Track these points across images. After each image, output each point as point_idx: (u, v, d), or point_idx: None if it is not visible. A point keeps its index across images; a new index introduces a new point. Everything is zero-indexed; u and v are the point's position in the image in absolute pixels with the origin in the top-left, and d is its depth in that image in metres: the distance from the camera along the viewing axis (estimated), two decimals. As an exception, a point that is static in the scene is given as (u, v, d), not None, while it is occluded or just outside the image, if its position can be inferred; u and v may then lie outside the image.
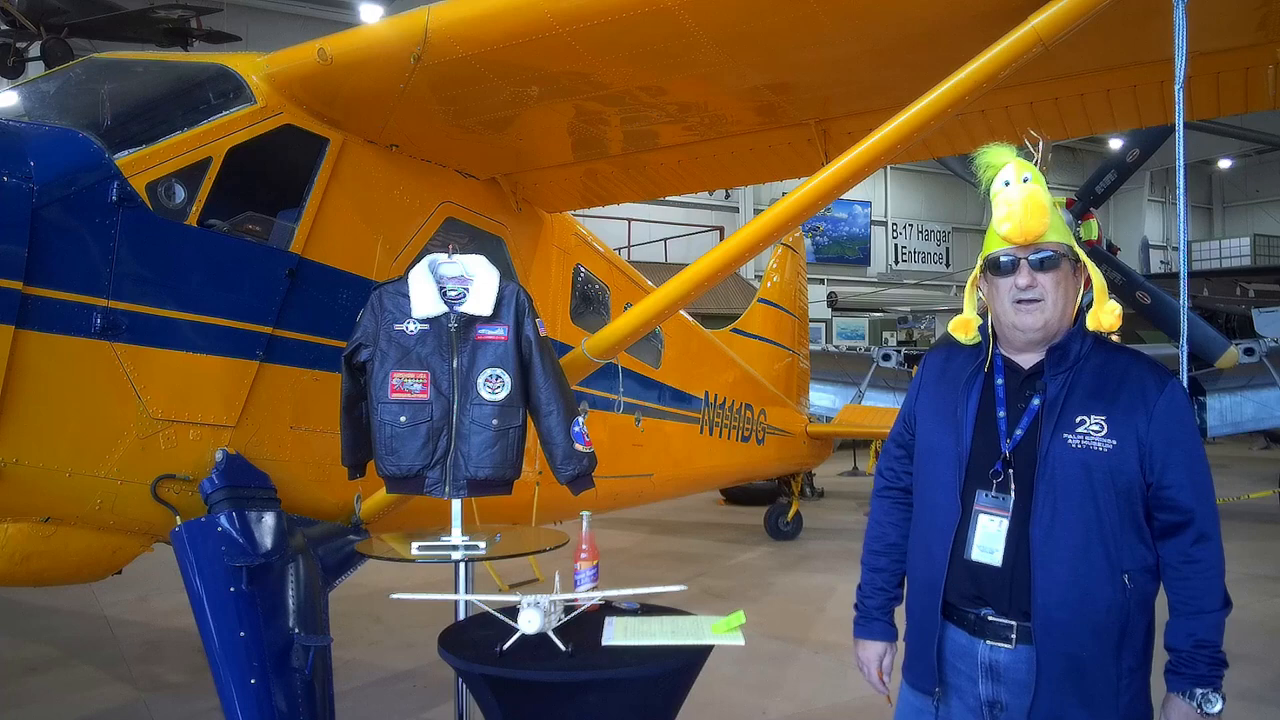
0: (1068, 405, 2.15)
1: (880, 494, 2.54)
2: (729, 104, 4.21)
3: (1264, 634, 6.44)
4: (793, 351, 10.52)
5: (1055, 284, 2.18)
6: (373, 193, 4.36)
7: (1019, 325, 2.21)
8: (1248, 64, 3.73)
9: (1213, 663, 2.07)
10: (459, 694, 3.31)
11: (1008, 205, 2.18)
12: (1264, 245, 32.97)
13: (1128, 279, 9.67)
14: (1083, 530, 2.09)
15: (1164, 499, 2.11)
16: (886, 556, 2.48)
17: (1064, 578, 2.08)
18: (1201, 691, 2.06)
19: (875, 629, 2.48)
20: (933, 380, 2.43)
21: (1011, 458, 2.18)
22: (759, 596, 7.51)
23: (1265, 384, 11.50)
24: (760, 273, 13.40)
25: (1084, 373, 2.19)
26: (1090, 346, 2.23)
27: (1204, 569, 2.09)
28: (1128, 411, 2.12)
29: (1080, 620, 2.08)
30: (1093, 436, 2.11)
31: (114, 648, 6.11)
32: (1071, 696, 2.09)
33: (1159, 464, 2.10)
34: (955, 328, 2.37)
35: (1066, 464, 2.11)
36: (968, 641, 2.22)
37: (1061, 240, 2.20)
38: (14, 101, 3.93)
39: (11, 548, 3.46)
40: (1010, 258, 2.20)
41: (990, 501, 2.19)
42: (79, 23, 13.96)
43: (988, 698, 2.19)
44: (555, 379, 3.53)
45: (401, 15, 3.78)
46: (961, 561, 2.20)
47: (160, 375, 3.55)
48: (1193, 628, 2.08)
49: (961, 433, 2.26)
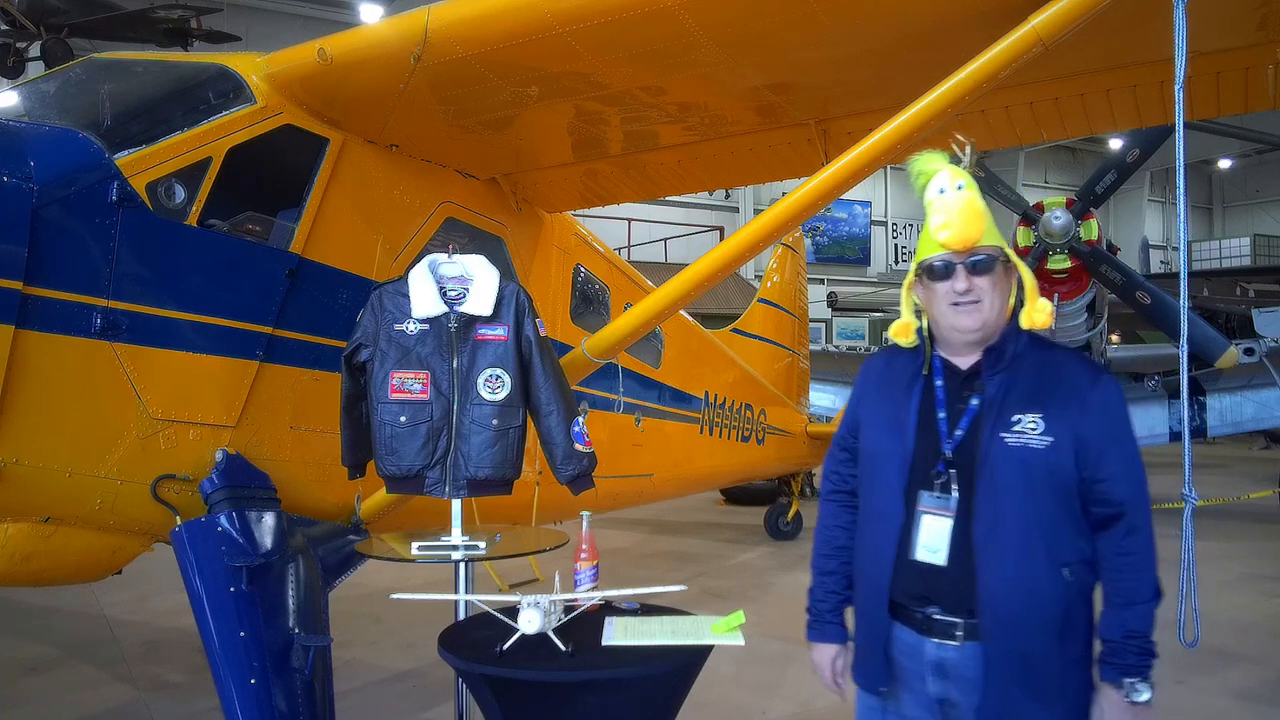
0: (1005, 404, 2.20)
1: (827, 498, 2.57)
2: (729, 104, 4.21)
3: (1264, 634, 6.44)
4: (793, 351, 10.52)
5: (991, 286, 2.23)
6: (373, 193, 4.36)
7: (957, 326, 2.25)
8: (1248, 64, 3.73)
9: (1142, 653, 2.11)
10: (459, 694, 3.31)
11: (945, 213, 2.22)
12: (1264, 245, 32.98)
13: (1128, 279, 9.64)
14: (1024, 527, 2.14)
15: (1097, 493, 2.15)
16: (836, 559, 2.50)
17: (1008, 575, 2.13)
18: (1130, 681, 2.10)
19: (828, 632, 2.51)
20: (874, 384, 2.48)
21: (953, 458, 2.22)
22: (759, 596, 7.51)
23: (1265, 384, 11.48)
24: (760, 273, 13.40)
25: (1021, 372, 2.23)
26: (1026, 345, 2.27)
27: (1135, 561, 2.14)
28: (1063, 408, 2.16)
29: (1026, 616, 2.12)
30: (1029, 434, 2.15)
31: (114, 648, 6.11)
32: (1019, 691, 2.13)
33: (1093, 458, 2.15)
34: (895, 332, 2.41)
35: (1006, 462, 2.16)
36: (915, 640, 2.25)
37: (995, 243, 2.25)
38: (14, 101, 3.92)
39: (11, 548, 3.46)
40: (944, 262, 2.24)
41: (933, 502, 2.23)
42: (79, 23, 13.98)
43: (938, 695, 2.23)
44: (555, 379, 3.53)
45: (401, 15, 3.78)
46: (907, 562, 2.24)
47: (160, 375, 3.55)
48: (1124, 618, 2.12)
49: (904, 435, 2.30)
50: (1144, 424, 12.31)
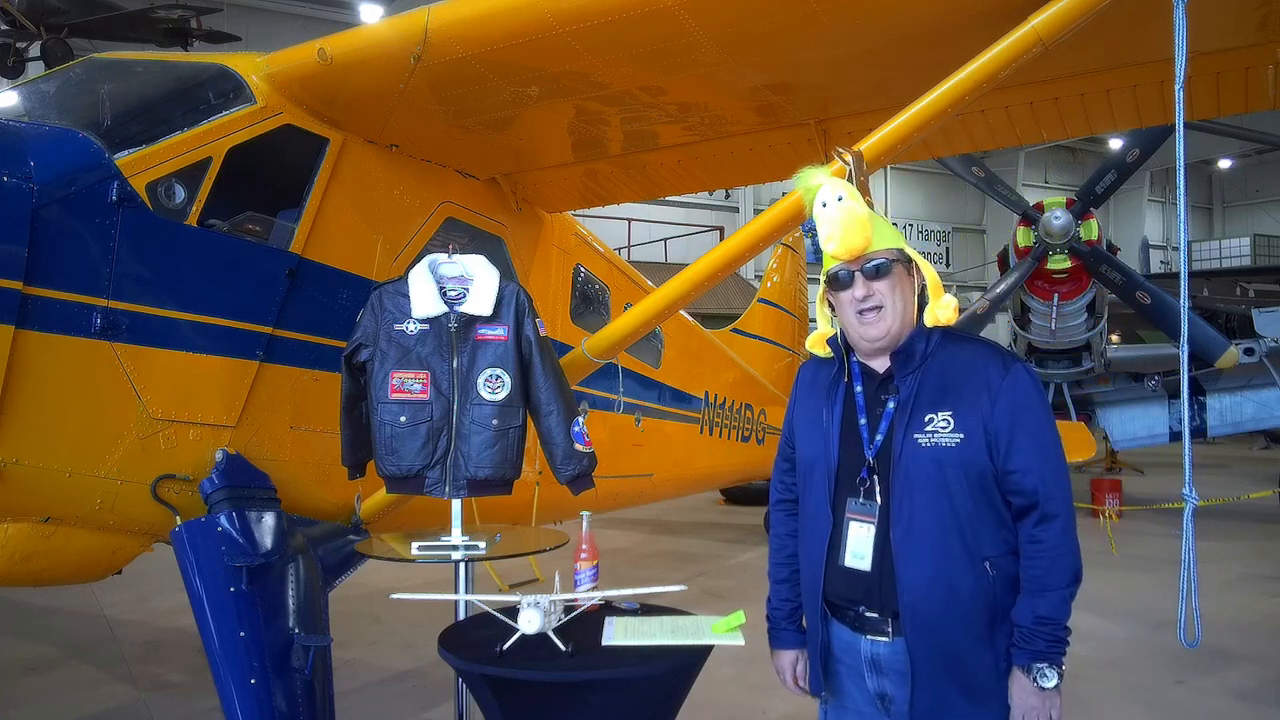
0: (917, 405, 2.23)
1: (775, 507, 2.62)
2: (729, 104, 4.20)
3: (1264, 634, 6.43)
4: (793, 351, 10.52)
5: (891, 289, 2.27)
6: (373, 193, 4.36)
7: (865, 335, 2.29)
8: (1248, 64, 3.72)
9: (1052, 640, 2.13)
10: (459, 694, 3.31)
11: (829, 225, 2.27)
12: (1264, 245, 32.99)
13: (1128, 279, 9.65)
14: (939, 526, 2.16)
15: (1010, 484, 2.18)
16: (787, 567, 2.55)
17: (925, 574, 2.16)
18: (1038, 666, 2.12)
19: (785, 638, 2.57)
20: (804, 392, 2.51)
21: (875, 463, 2.25)
22: (759, 596, 7.39)
23: (1265, 384, 11.49)
24: (760, 273, 13.40)
25: (931, 371, 2.26)
26: (937, 343, 2.29)
27: (1046, 549, 2.15)
28: (973, 403, 2.19)
29: (945, 613, 2.15)
30: (941, 433, 2.18)
31: (114, 648, 6.11)
32: (949, 687, 2.17)
33: (1004, 450, 2.17)
34: (812, 344, 2.46)
35: (919, 463, 2.18)
36: (852, 638, 2.31)
37: (890, 246, 2.28)
38: (14, 101, 3.92)
39: (11, 548, 3.45)
40: (845, 271, 2.29)
41: (858, 508, 2.27)
42: (79, 23, 13.98)
43: (875, 690, 2.28)
44: (555, 379, 3.53)
45: (401, 15, 3.78)
46: (837, 568, 2.29)
47: (160, 375, 3.55)
48: (1035, 605, 2.14)
49: (829, 443, 2.34)
50: (1144, 424, 12.32)
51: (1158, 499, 9.85)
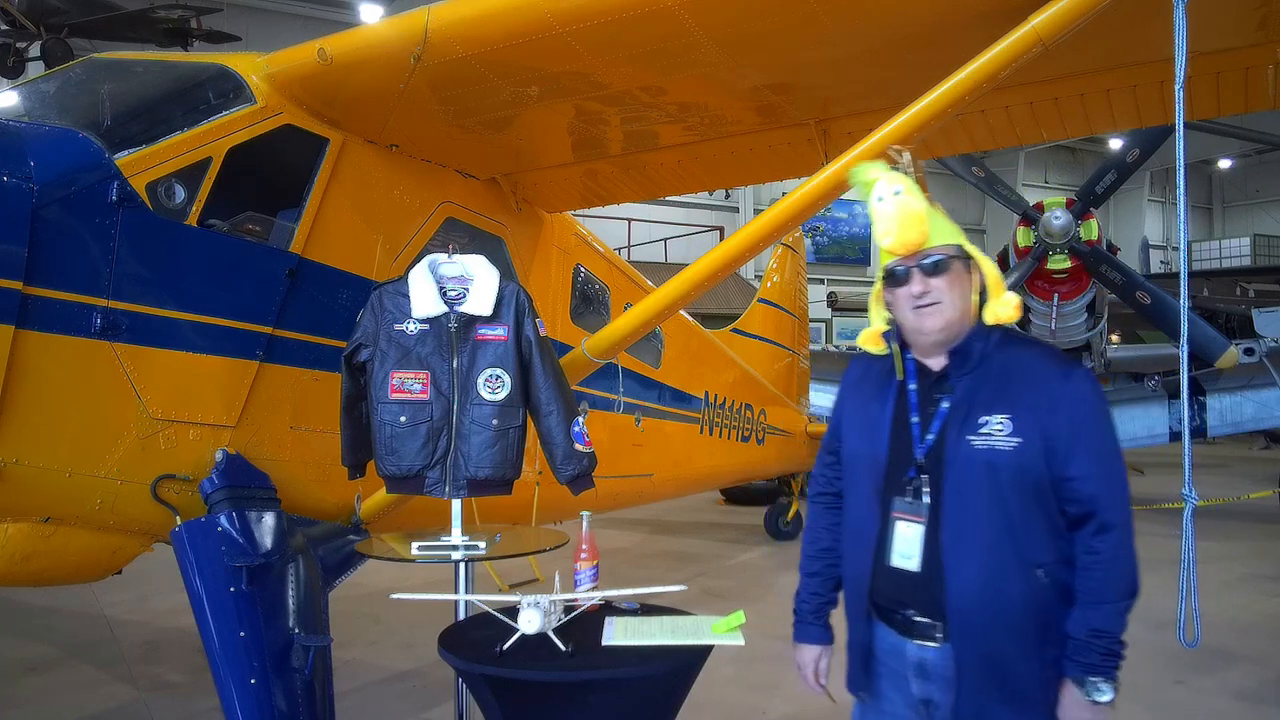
0: (973, 406, 2.18)
1: (814, 500, 2.58)
2: (729, 104, 4.20)
3: (1264, 634, 6.43)
4: (793, 351, 10.52)
5: (949, 286, 2.21)
6: (373, 193, 4.36)
7: (921, 329, 2.24)
8: (1248, 64, 3.73)
9: (1106, 653, 2.09)
10: (459, 694, 3.31)
11: (885, 220, 2.23)
12: (1264, 245, 32.99)
13: (1128, 279, 9.64)
14: (990, 530, 2.12)
15: (1068, 491, 2.12)
16: (821, 561, 2.51)
17: (975, 578, 2.12)
18: (1092, 680, 2.08)
19: (810, 633, 2.52)
20: (853, 388, 2.48)
21: (925, 463, 2.21)
22: (759, 596, 7.50)
23: (1265, 384, 11.48)
24: (760, 273, 13.40)
25: (989, 371, 2.21)
26: (995, 344, 2.24)
27: (1103, 560, 2.10)
28: (1031, 407, 2.14)
29: (994, 619, 2.11)
30: (996, 436, 2.13)
31: (114, 648, 6.11)
32: (994, 695, 2.12)
33: (1062, 457, 2.12)
34: (863, 341, 2.41)
35: (972, 466, 2.14)
36: (897, 641, 2.27)
37: (949, 242, 2.24)
38: (14, 101, 3.92)
39: (11, 548, 3.46)
40: (902, 267, 2.24)
41: (905, 508, 2.23)
42: (79, 23, 13.99)
43: (920, 695, 2.24)
44: (555, 379, 3.53)
45: (401, 15, 3.78)
46: (884, 567, 2.25)
47: (160, 375, 3.55)
48: (1089, 617, 2.10)
49: (878, 440, 2.31)
50: (1144, 424, 12.31)
51: (1158, 499, 9.84)
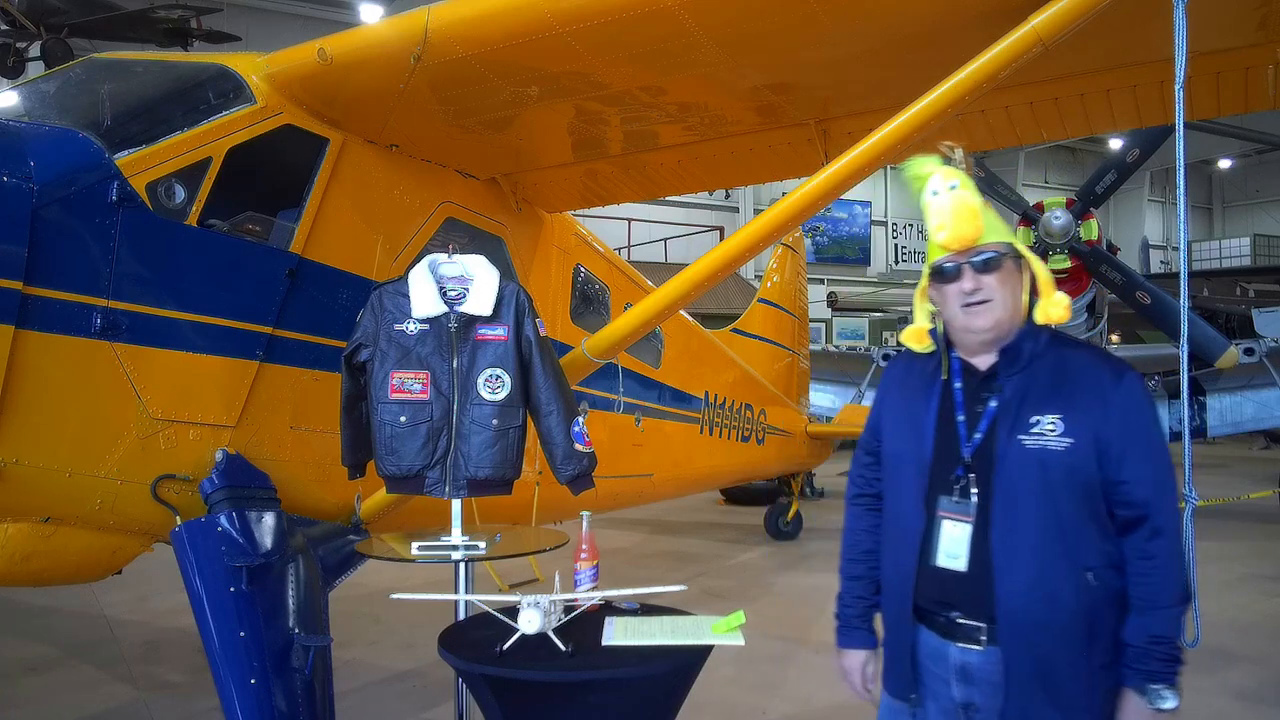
0: (1023, 406, 2.16)
1: (852, 501, 2.55)
2: (729, 104, 4.20)
3: (1264, 634, 6.44)
4: (793, 351, 10.52)
5: (1000, 283, 2.18)
6: (373, 193, 4.36)
7: (970, 327, 2.21)
8: (1248, 64, 3.73)
9: (1167, 659, 2.07)
10: (459, 694, 3.31)
11: (939, 214, 2.20)
12: (1264, 245, 32.98)
13: (1128, 279, 9.65)
14: (1041, 531, 2.10)
15: (1120, 495, 2.11)
16: (863, 564, 2.48)
17: (1025, 580, 2.09)
18: (1154, 687, 2.07)
19: (856, 638, 2.49)
20: (895, 387, 2.46)
21: (972, 461, 2.19)
22: (759, 596, 7.51)
23: (1265, 384, 11.49)
24: (760, 273, 13.40)
25: (1039, 371, 2.19)
26: (1045, 344, 2.22)
27: (1159, 564, 2.09)
28: (1084, 409, 2.12)
29: (1044, 621, 2.09)
30: (1048, 436, 2.11)
31: (114, 648, 6.11)
32: (1041, 697, 2.10)
33: (1115, 459, 2.10)
34: (908, 338, 2.39)
35: (1023, 465, 2.12)
36: (939, 644, 2.23)
37: (1001, 240, 2.21)
38: (14, 101, 3.92)
39: (11, 548, 3.45)
40: (953, 263, 2.21)
41: (952, 507, 2.20)
42: (79, 23, 13.98)
43: (962, 699, 2.20)
44: (555, 379, 3.53)
45: (401, 15, 3.78)
46: (928, 567, 2.22)
47: (160, 375, 3.55)
48: (1147, 623, 2.08)
49: (923, 439, 2.28)
50: (1144, 424, 12.30)
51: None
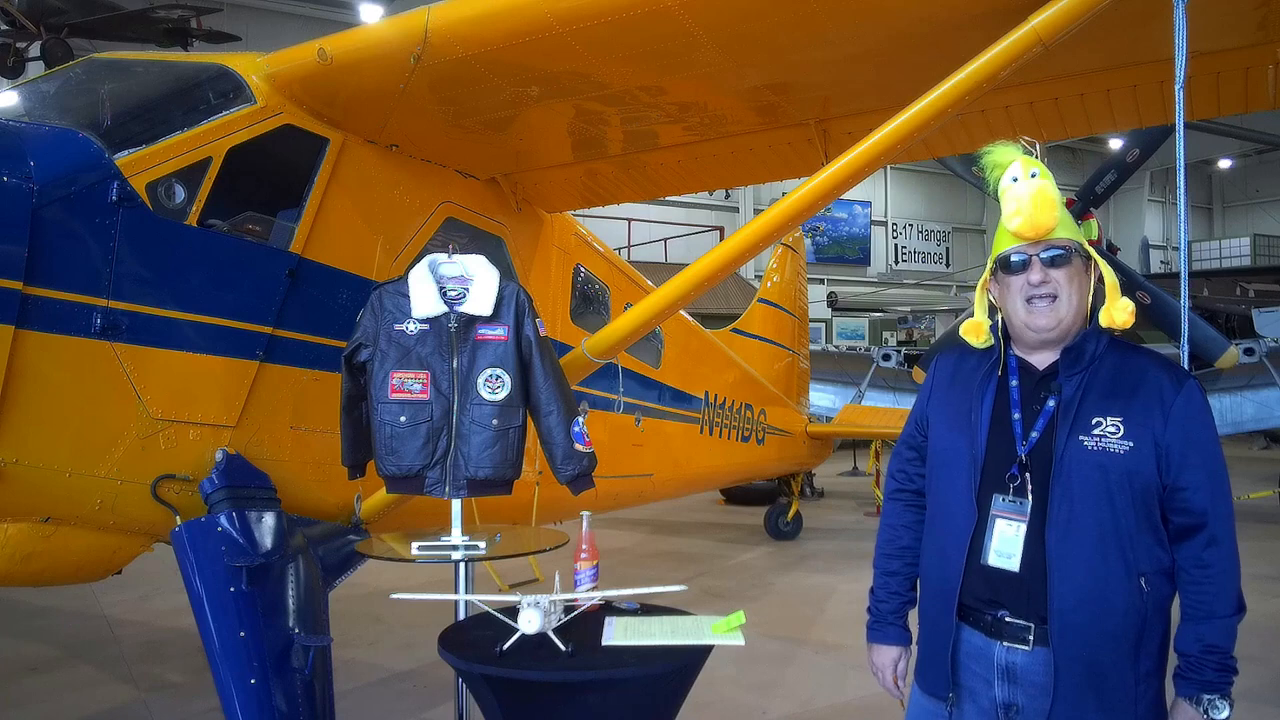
0: (1084, 406, 2.13)
1: (892, 496, 2.51)
2: (729, 104, 4.21)
3: (1264, 634, 6.43)
4: (793, 351, 10.52)
5: (1068, 280, 2.15)
6: (373, 193, 4.36)
7: (1032, 325, 2.18)
8: (1248, 64, 3.73)
9: (1221, 669, 2.06)
10: (459, 694, 3.31)
11: (1017, 201, 2.15)
12: (1264, 245, 32.96)
13: (1128, 279, 9.65)
14: (1099, 533, 2.07)
15: (1178, 501, 2.08)
16: (900, 560, 2.45)
17: (1080, 582, 2.06)
18: (1208, 697, 2.05)
19: (890, 634, 2.46)
20: (945, 382, 2.41)
21: (1028, 460, 2.16)
22: (759, 596, 7.50)
23: (1265, 384, 11.49)
24: (760, 273, 13.40)
25: (1100, 373, 2.16)
26: (1105, 346, 2.20)
27: (1215, 574, 2.08)
28: (1144, 413, 2.09)
29: (1097, 624, 2.06)
30: (1109, 438, 2.08)
31: (114, 648, 6.11)
32: (1090, 701, 2.07)
33: (1175, 466, 2.07)
34: (967, 331, 2.33)
35: (1083, 466, 2.08)
36: (984, 643, 2.20)
37: (1072, 237, 2.18)
38: (14, 101, 3.92)
39: (11, 548, 3.46)
40: (1021, 256, 2.17)
41: (1007, 506, 2.16)
42: (79, 23, 13.96)
43: (1003, 700, 2.17)
44: (555, 379, 3.53)
45: (401, 15, 3.78)
46: (978, 566, 2.18)
47: (160, 375, 3.55)
48: (1202, 632, 2.07)
49: (976, 436, 2.24)
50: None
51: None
